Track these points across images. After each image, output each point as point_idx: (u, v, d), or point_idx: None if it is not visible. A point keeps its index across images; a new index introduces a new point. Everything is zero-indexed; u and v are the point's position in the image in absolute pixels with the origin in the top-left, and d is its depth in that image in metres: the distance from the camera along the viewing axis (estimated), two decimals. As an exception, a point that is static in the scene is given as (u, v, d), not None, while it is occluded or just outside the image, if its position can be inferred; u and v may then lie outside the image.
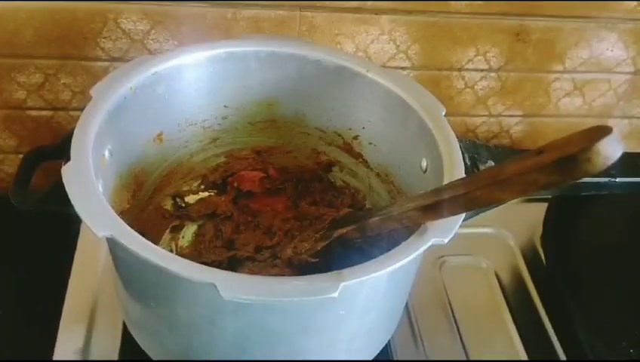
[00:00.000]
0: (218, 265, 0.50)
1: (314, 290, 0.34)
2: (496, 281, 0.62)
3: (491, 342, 0.59)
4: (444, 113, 0.48)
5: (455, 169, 0.44)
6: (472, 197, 0.34)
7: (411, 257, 0.37)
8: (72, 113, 0.70)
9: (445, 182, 0.43)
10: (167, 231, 0.56)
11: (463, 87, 0.74)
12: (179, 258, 0.35)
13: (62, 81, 0.67)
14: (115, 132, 0.46)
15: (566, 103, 0.78)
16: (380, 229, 0.44)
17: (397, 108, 0.50)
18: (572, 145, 0.29)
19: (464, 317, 0.60)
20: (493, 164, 0.46)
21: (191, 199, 0.59)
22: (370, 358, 0.48)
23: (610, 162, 0.28)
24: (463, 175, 0.43)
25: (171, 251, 0.55)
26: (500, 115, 0.78)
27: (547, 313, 0.60)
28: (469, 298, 0.61)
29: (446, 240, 0.38)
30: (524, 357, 0.57)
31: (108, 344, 0.55)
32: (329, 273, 0.35)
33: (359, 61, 0.52)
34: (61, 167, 0.41)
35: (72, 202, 0.37)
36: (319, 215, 0.57)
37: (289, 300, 0.34)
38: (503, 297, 0.61)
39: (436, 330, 0.58)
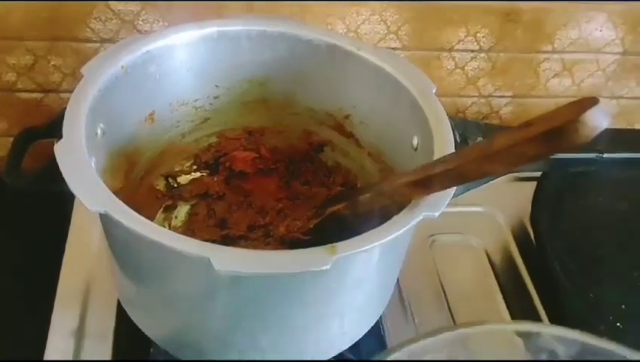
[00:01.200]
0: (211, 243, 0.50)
1: (306, 263, 0.35)
2: (486, 259, 0.63)
3: (481, 319, 0.59)
4: (434, 91, 0.48)
5: (445, 146, 0.44)
6: (462, 170, 0.35)
7: (403, 230, 0.37)
8: (62, 95, 0.70)
9: (436, 155, 0.43)
10: (160, 211, 0.56)
11: (454, 67, 0.75)
12: (172, 233, 0.36)
13: (52, 63, 0.67)
14: (107, 111, 0.46)
15: (555, 84, 0.78)
16: (371, 206, 0.44)
17: (388, 87, 0.51)
18: (559, 117, 0.29)
19: (454, 295, 0.60)
20: (483, 140, 0.46)
21: (183, 179, 0.59)
22: (362, 334, 0.49)
23: (596, 132, 0.28)
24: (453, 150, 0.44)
25: (164, 231, 0.55)
26: (490, 96, 0.78)
27: (536, 290, 0.61)
28: (460, 276, 0.62)
29: (437, 214, 0.39)
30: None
31: (103, 322, 0.55)
32: (321, 246, 0.36)
33: (350, 40, 0.53)
34: (53, 146, 0.42)
35: (65, 178, 0.37)
36: (311, 194, 0.58)
37: (281, 272, 0.34)
38: (493, 275, 0.62)
39: (427, 308, 0.59)
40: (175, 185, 0.59)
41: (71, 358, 0.54)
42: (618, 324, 0.54)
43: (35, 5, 0.62)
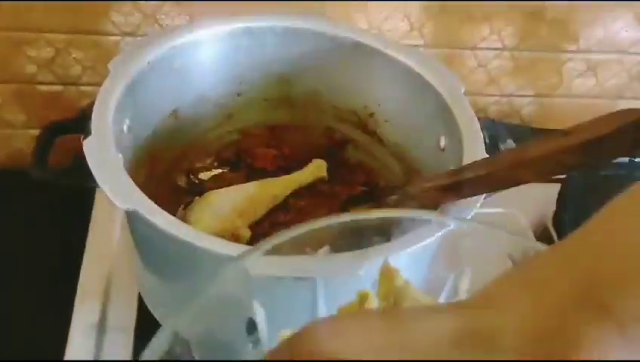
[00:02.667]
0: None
1: (340, 268, 0.34)
2: (508, 262, 0.62)
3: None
4: (462, 91, 0.48)
5: (476, 147, 0.44)
6: (494, 177, 0.34)
7: (435, 236, 0.37)
8: (82, 88, 0.70)
9: (466, 160, 0.43)
10: (181, 207, 0.56)
11: (476, 65, 0.74)
12: (204, 233, 0.35)
13: (72, 56, 0.67)
14: (133, 106, 0.46)
15: (578, 84, 0.77)
16: (397, 208, 0.44)
17: (415, 86, 0.50)
18: (598, 127, 0.28)
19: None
20: (513, 142, 0.45)
21: (204, 175, 0.59)
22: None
23: (638, 145, 0.27)
24: (484, 154, 0.43)
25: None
26: (511, 95, 0.77)
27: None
28: (480, 278, 0.61)
29: (469, 216, 0.38)
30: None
31: (124, 316, 0.55)
32: (354, 252, 0.35)
33: (376, 38, 0.52)
34: (78, 141, 0.42)
35: (95, 175, 0.37)
36: (333, 192, 0.57)
37: (315, 276, 0.34)
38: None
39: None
40: (196, 181, 0.58)
41: (93, 352, 0.54)
42: None
43: (57, -3, 0.62)
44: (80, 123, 0.43)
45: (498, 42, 0.72)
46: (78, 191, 0.51)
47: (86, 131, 0.40)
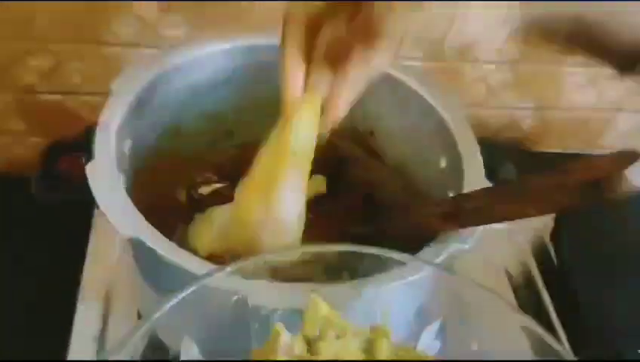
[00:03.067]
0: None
1: (338, 298, 0.35)
2: (505, 278, 0.63)
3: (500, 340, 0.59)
4: (464, 113, 0.48)
5: (476, 171, 0.44)
6: (494, 211, 0.34)
7: (432, 266, 0.37)
8: (82, 98, 0.70)
9: (466, 183, 0.43)
10: (182, 223, 0.56)
11: (476, 78, 0.74)
12: (207, 263, 0.35)
13: (73, 66, 0.67)
14: (135, 127, 0.46)
15: (578, 97, 0.77)
16: (396, 233, 0.44)
17: (415, 106, 0.50)
18: (598, 168, 0.29)
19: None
20: (512, 167, 0.46)
21: (205, 190, 0.59)
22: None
23: (636, 190, 0.28)
24: (484, 178, 0.43)
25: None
26: (511, 108, 0.78)
27: (557, 312, 0.60)
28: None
29: (467, 246, 0.38)
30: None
31: (125, 328, 0.55)
32: (351, 282, 0.36)
33: (378, 56, 0.52)
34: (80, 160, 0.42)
35: (98, 201, 0.37)
36: (332, 209, 0.57)
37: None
38: (512, 293, 0.62)
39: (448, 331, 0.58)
40: (197, 196, 0.58)
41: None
42: (639, 351, 0.53)
43: (60, 8, 0.62)
44: (84, 142, 0.43)
45: (499, 55, 0.72)
46: (79, 201, 0.51)
47: (88, 154, 0.40)
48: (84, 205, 0.61)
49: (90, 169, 0.39)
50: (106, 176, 0.38)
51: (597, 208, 0.61)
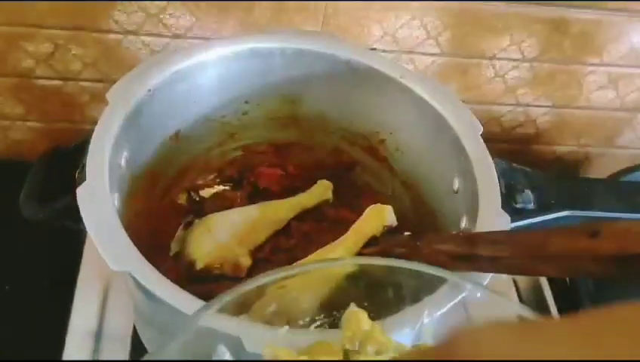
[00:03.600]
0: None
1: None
2: (514, 291, 0.61)
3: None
4: (481, 132, 0.45)
5: (491, 199, 0.41)
6: (511, 263, 0.32)
7: (442, 311, 0.35)
8: (82, 84, 0.67)
9: (480, 213, 0.41)
10: (181, 226, 0.54)
11: (493, 75, 0.71)
12: (199, 301, 0.34)
13: (72, 52, 0.64)
14: (132, 138, 0.43)
15: (598, 96, 0.74)
16: (403, 256, 0.42)
17: (430, 120, 0.47)
18: (632, 239, 0.26)
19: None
20: (530, 193, 0.43)
21: (206, 193, 0.57)
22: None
23: None
24: (499, 204, 0.41)
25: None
26: (528, 105, 0.75)
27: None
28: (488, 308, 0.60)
29: (479, 295, 0.36)
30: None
31: (121, 325, 0.55)
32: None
33: (393, 65, 0.49)
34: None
35: (89, 232, 0.35)
36: (338, 217, 0.55)
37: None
38: (515, 292, 0.60)
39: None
40: (197, 199, 0.56)
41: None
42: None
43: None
44: (78, 152, 0.41)
45: (518, 53, 0.69)
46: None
47: (80, 171, 0.38)
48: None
49: (80, 193, 0.36)
50: (98, 202, 0.36)
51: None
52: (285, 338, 0.33)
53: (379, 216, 0.48)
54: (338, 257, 0.46)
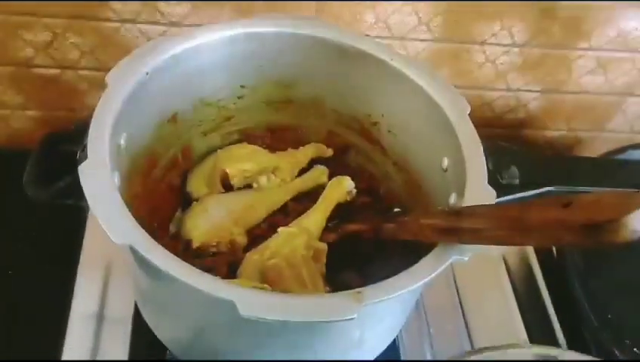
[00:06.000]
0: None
1: (333, 312, 0.34)
2: (504, 267, 0.63)
3: (496, 327, 0.60)
4: (468, 112, 0.47)
5: (478, 176, 0.43)
6: (491, 235, 0.34)
7: (432, 276, 0.37)
8: (80, 72, 0.68)
9: (467, 188, 0.42)
10: (179, 211, 0.55)
11: (484, 61, 0.72)
12: (198, 271, 0.35)
13: (70, 41, 0.65)
14: (131, 119, 0.44)
15: (587, 81, 0.76)
16: (393, 236, 0.43)
17: (420, 102, 0.49)
18: (601, 209, 0.27)
19: (471, 302, 0.60)
20: (516, 170, 0.45)
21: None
22: (382, 349, 0.49)
23: (638, 236, 0.27)
24: (486, 184, 0.42)
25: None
26: (518, 90, 0.76)
27: (553, 302, 0.60)
28: (477, 283, 0.61)
29: (466, 258, 0.38)
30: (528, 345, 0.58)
31: (123, 306, 0.57)
32: (349, 292, 0.35)
33: (384, 48, 0.50)
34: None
35: (91, 207, 0.36)
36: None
37: (307, 321, 0.34)
38: (510, 284, 0.62)
39: (444, 316, 0.59)
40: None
41: (91, 341, 0.55)
42: (635, 349, 0.54)
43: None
44: (79, 135, 0.42)
45: (508, 38, 0.70)
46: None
47: (82, 151, 0.39)
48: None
49: (82, 170, 0.38)
50: (99, 178, 0.38)
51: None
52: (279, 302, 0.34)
53: (340, 186, 0.55)
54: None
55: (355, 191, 0.55)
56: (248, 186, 0.55)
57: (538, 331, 0.58)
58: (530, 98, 0.77)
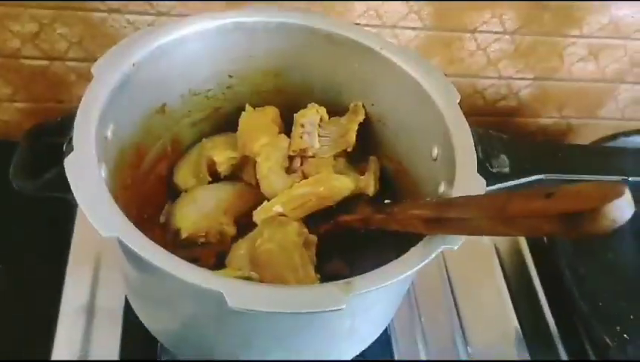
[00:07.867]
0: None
1: (322, 302, 0.34)
2: (495, 256, 0.63)
3: (487, 316, 0.60)
4: (458, 100, 0.46)
5: (468, 164, 0.43)
6: (476, 224, 0.34)
7: (421, 265, 0.37)
8: (68, 63, 0.68)
9: (457, 177, 0.42)
10: (168, 202, 0.55)
11: (475, 49, 0.72)
12: (186, 263, 0.35)
13: (58, 31, 0.65)
14: (118, 110, 0.44)
15: (579, 68, 0.76)
16: (383, 227, 0.43)
17: (409, 90, 0.49)
18: (581, 199, 0.27)
19: (462, 291, 0.60)
20: (506, 158, 0.44)
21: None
22: (373, 339, 0.49)
23: (617, 225, 0.27)
24: (476, 172, 0.42)
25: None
26: (510, 78, 0.76)
27: (544, 289, 0.60)
28: (468, 272, 0.61)
29: (456, 247, 0.38)
30: (519, 333, 0.58)
31: (113, 297, 0.57)
32: (338, 282, 0.35)
33: (373, 37, 0.50)
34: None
35: (78, 200, 0.36)
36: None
37: (296, 312, 0.34)
38: (501, 272, 0.62)
39: (435, 305, 0.59)
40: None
41: (82, 332, 0.55)
42: (625, 336, 0.54)
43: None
44: (65, 125, 0.41)
45: (499, 26, 0.70)
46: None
47: (68, 143, 0.39)
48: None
49: (68, 162, 0.37)
50: (86, 171, 0.37)
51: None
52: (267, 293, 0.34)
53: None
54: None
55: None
56: (235, 176, 0.54)
57: (530, 319, 0.59)
58: (521, 86, 0.77)
